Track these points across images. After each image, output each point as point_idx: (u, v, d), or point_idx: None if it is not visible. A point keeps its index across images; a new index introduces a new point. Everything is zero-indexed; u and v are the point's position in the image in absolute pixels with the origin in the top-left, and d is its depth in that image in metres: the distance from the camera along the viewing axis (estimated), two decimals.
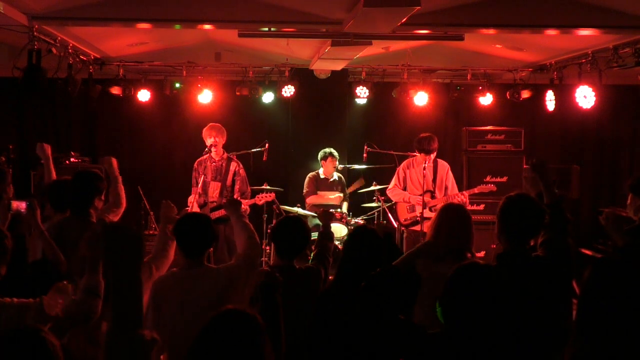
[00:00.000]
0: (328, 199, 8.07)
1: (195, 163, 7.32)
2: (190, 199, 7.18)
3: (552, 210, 3.43)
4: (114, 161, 4.93)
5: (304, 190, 8.26)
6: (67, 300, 2.87)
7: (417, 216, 7.27)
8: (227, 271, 3.71)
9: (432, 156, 7.30)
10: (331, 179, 8.28)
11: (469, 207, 7.74)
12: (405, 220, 7.49)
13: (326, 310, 3.35)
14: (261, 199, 7.25)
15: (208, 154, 7.14)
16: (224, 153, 7.23)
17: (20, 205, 3.97)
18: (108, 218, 4.51)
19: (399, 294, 2.95)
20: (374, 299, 2.95)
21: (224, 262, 6.45)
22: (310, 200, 8.15)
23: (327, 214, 4.61)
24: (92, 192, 4.35)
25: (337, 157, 8.24)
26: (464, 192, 7.35)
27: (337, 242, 7.45)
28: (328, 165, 8.20)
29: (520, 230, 3.36)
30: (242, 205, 6.91)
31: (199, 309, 3.38)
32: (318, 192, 8.18)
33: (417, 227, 7.19)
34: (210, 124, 7.31)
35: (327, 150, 8.22)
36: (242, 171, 7.23)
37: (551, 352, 3.22)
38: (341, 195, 8.20)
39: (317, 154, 8.38)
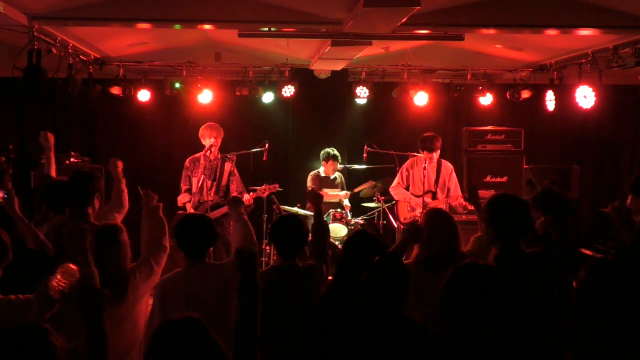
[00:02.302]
0: (331, 196, 8.06)
1: (187, 161, 7.27)
2: (181, 198, 7.17)
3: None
4: (120, 163, 4.98)
5: (308, 187, 8.20)
6: (74, 280, 2.91)
7: (416, 216, 7.28)
8: (228, 267, 3.74)
9: (435, 155, 7.32)
10: (332, 177, 8.30)
11: (469, 207, 7.75)
12: (404, 219, 7.51)
13: (327, 312, 3.34)
14: (265, 191, 7.24)
15: (203, 153, 7.13)
16: (218, 153, 7.22)
17: None
18: (113, 217, 4.54)
19: (397, 282, 2.95)
20: (375, 295, 2.95)
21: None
22: None
23: (315, 195, 4.50)
24: (91, 192, 4.36)
25: (340, 160, 8.24)
26: (464, 194, 7.35)
27: (337, 242, 7.47)
28: (329, 167, 8.20)
29: (510, 228, 3.36)
30: (247, 200, 6.95)
31: (204, 306, 3.42)
32: (322, 189, 8.17)
33: None
34: (208, 123, 7.29)
35: (331, 152, 8.19)
36: (236, 171, 7.21)
37: (552, 351, 3.22)
38: (341, 193, 8.21)
39: (317, 154, 8.38)
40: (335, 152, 8.22)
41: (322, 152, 8.27)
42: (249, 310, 2.68)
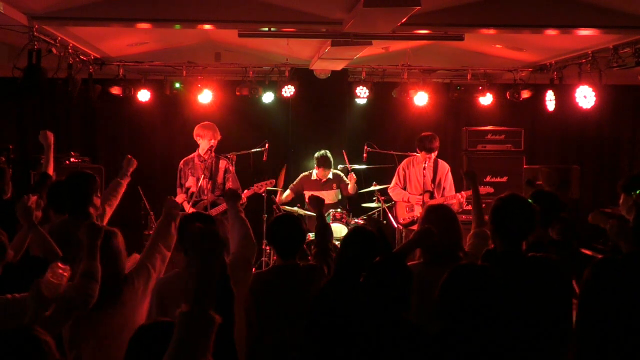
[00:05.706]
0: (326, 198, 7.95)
1: (181, 163, 7.30)
2: (177, 199, 7.17)
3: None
4: (135, 163, 5.14)
5: (290, 185, 8.09)
6: (65, 280, 2.91)
7: (415, 216, 7.29)
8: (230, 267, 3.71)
9: (433, 155, 7.31)
10: (324, 180, 7.97)
11: (467, 207, 7.75)
12: (403, 219, 7.51)
13: (324, 311, 3.33)
14: (261, 187, 7.18)
15: (196, 153, 7.15)
16: (212, 152, 7.20)
17: None
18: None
19: (399, 284, 2.94)
20: (375, 295, 2.94)
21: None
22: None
23: (316, 200, 4.46)
24: (89, 192, 4.36)
25: (329, 164, 7.87)
26: (462, 192, 7.34)
27: (337, 242, 7.44)
28: (319, 171, 7.94)
29: (513, 230, 3.36)
30: (242, 199, 6.92)
31: None
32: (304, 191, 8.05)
33: (416, 227, 7.18)
34: (203, 123, 7.27)
35: (319, 155, 7.88)
36: (232, 168, 7.21)
37: (551, 352, 3.22)
38: (338, 190, 8.03)
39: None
40: (327, 155, 7.86)
41: (316, 153, 7.96)
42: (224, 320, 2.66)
